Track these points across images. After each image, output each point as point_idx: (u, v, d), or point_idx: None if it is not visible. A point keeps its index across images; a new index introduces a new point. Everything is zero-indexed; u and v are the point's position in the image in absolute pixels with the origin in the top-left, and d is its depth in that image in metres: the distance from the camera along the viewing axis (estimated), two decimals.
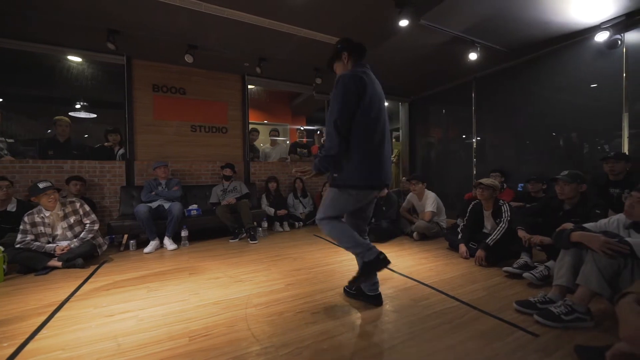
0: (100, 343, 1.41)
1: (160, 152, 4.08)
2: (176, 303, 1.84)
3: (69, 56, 3.70)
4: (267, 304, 1.80)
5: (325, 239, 3.58)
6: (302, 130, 5.64)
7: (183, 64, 3.88)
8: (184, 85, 4.23)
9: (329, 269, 2.46)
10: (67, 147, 3.72)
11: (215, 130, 4.47)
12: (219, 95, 4.48)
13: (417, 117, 5.83)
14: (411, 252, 2.92)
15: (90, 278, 2.34)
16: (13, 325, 1.60)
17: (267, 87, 5.46)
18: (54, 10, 2.80)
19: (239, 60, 4.04)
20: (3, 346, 1.39)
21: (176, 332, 1.49)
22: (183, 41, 3.45)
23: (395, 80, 4.78)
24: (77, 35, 3.27)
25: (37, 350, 1.36)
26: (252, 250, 3.15)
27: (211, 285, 2.13)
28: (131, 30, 3.17)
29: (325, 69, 4.36)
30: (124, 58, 3.82)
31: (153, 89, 4.05)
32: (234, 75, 4.55)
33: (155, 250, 3.15)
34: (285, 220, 4.25)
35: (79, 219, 2.74)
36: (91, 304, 1.85)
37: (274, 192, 4.39)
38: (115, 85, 3.93)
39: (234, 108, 4.59)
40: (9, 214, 2.80)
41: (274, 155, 5.13)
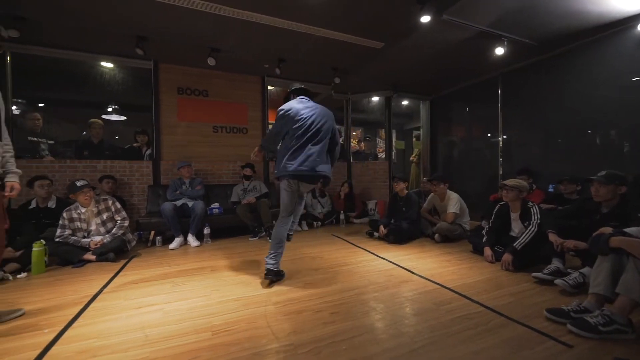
0: (129, 333, 1.49)
1: (184, 152, 4.24)
2: (199, 298, 1.91)
3: (102, 62, 3.95)
4: (286, 302, 1.83)
5: (344, 239, 3.57)
6: None
7: (205, 66, 4.01)
8: (207, 87, 4.38)
9: (348, 269, 2.45)
10: (100, 148, 3.96)
11: (236, 131, 4.59)
12: (240, 97, 4.59)
13: (438, 115, 5.66)
14: (432, 255, 2.84)
15: (120, 272, 2.49)
16: (53, 313, 1.73)
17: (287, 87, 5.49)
18: (88, 20, 2.99)
19: (259, 61, 4.11)
20: (45, 332, 1.51)
21: (200, 326, 1.55)
22: (205, 44, 3.56)
23: (415, 78, 4.67)
24: (109, 43, 3.48)
25: (74, 337, 1.46)
26: None
27: (232, 282, 2.19)
28: (158, 36, 3.33)
29: (344, 69, 4.35)
30: (151, 63, 4.01)
31: (177, 91, 4.22)
32: (253, 76, 4.64)
33: (179, 247, 3.28)
34: (303, 220, 4.28)
35: (111, 216, 2.91)
36: (121, 296, 1.97)
37: None
38: (143, 89, 4.14)
39: (254, 109, 4.69)
40: (50, 210, 3.02)
41: None
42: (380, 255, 2.85)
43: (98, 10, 2.83)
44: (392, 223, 3.47)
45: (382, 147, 7.58)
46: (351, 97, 5.50)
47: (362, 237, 3.65)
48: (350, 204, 4.79)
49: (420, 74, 4.52)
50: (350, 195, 4.83)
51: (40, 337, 1.46)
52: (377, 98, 5.72)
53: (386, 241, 3.36)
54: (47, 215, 2.98)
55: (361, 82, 4.89)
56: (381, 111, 5.75)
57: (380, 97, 5.59)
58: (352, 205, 4.81)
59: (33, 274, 2.42)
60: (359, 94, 5.46)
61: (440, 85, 5.18)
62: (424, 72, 4.43)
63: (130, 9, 2.81)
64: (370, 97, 5.59)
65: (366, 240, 3.53)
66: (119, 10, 2.82)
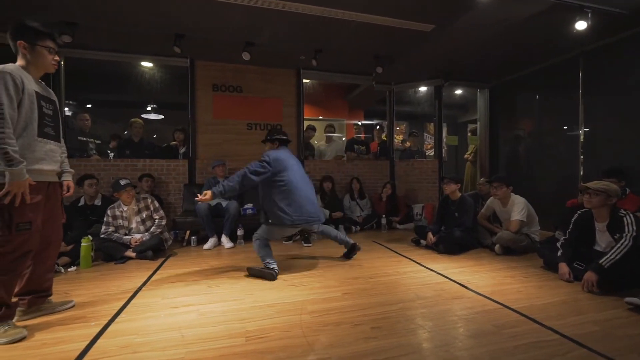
0: (167, 332, 1.62)
1: (219, 150, 4.49)
2: (233, 302, 2.00)
3: (142, 62, 4.37)
4: (323, 312, 1.83)
5: (386, 247, 3.49)
6: (359, 125, 5.60)
7: (240, 61, 4.21)
8: (241, 83, 4.59)
9: (391, 280, 2.39)
10: (140, 147, 4.37)
11: (271, 128, 4.73)
12: (274, 91, 4.74)
13: (499, 105, 5.26)
14: (491, 269, 2.65)
15: (158, 270, 2.72)
16: (99, 307, 1.94)
17: (323, 80, 5.58)
18: (130, 22, 3.32)
19: (294, 53, 4.20)
20: (92, 325, 1.71)
21: (234, 330, 1.63)
22: (240, 39, 3.74)
23: (471, 63, 4.39)
24: (148, 43, 3.82)
25: (117, 332, 1.63)
26: (306, 254, 3.24)
27: (265, 287, 2.26)
28: (194, 33, 3.57)
29: (386, 57, 4.26)
30: (187, 60, 4.33)
31: (213, 88, 4.49)
32: (288, 70, 4.76)
33: (213, 248, 3.49)
34: (341, 224, 4.27)
35: (150, 214, 3.20)
36: (159, 294, 2.15)
37: (329, 193, 4.45)
38: (180, 87, 4.48)
39: (288, 104, 4.80)
40: (96, 208, 3.41)
41: (330, 153, 5.20)
42: (428, 266, 2.73)
43: (139, 11, 3.13)
44: (443, 230, 3.31)
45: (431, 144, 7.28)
46: (395, 88, 5.36)
47: (406, 245, 3.54)
48: (392, 207, 4.68)
49: (478, 59, 4.24)
50: (393, 198, 4.71)
51: (88, 329, 1.65)
52: (425, 88, 5.52)
53: (435, 251, 3.22)
54: (93, 212, 3.37)
55: (406, 71, 4.75)
56: (429, 102, 5.52)
57: (428, 87, 5.37)
58: (395, 209, 4.69)
59: (81, 268, 2.75)
60: (404, 84, 5.30)
61: (502, 71, 4.80)
62: (482, 56, 4.15)
63: (169, 6, 3.05)
64: (417, 87, 5.40)
65: (411, 248, 3.41)
66: (160, 7, 3.08)
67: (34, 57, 1.67)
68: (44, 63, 1.71)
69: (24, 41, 1.64)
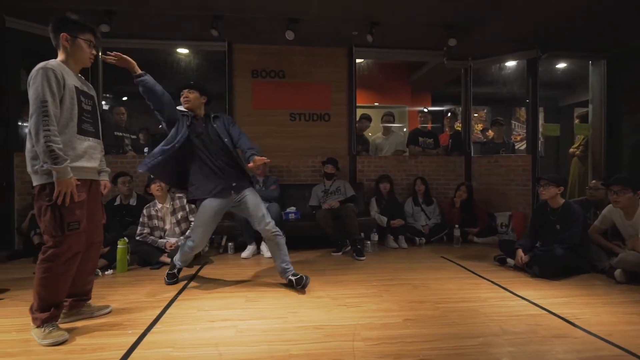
0: (203, 348, 1.74)
1: (258, 145, 4.68)
2: (275, 319, 2.08)
3: (178, 49, 4.75)
4: (380, 340, 1.82)
5: (460, 264, 3.34)
6: (425, 113, 5.42)
7: (283, 42, 4.34)
8: (283, 67, 4.75)
9: (467, 307, 2.27)
10: None
11: (316, 118, 4.82)
12: (322, 75, 4.81)
13: (621, 82, 4.69)
14: (609, 301, 2.39)
15: (194, 278, 2.94)
16: (135, 314, 2.17)
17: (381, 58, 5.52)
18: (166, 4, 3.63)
19: (346, 29, 4.23)
20: (128, 333, 1.91)
21: (277, 352, 1.69)
22: (283, 15, 3.87)
23: (579, 27, 3.96)
24: (184, 27, 4.15)
25: (153, 343, 1.80)
26: (359, 269, 3.24)
27: (311, 305, 2.31)
28: (233, 12, 3.79)
29: (462, 25, 4.06)
30: (225, 44, 4.60)
31: (252, 74, 4.72)
32: (338, 48, 4.80)
33: (252, 256, 3.67)
34: (401, 234, 4.19)
35: (185, 216, 3.47)
36: (195, 305, 2.32)
37: (386, 196, 4.39)
38: (216, 75, 4.78)
39: (338, 89, 4.84)
40: (131, 208, 3.80)
41: (388, 148, 5.13)
42: (518, 293, 2.55)
43: None
44: (539, 247, 3.08)
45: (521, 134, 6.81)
46: (473, 65, 5.10)
47: (487, 264, 3.36)
48: (468, 215, 4.45)
49: (590, 19, 3.81)
50: (469, 204, 4.48)
51: (125, 338, 1.85)
52: (514, 63, 5.18)
53: (528, 273, 3.00)
54: (129, 212, 3.76)
55: (488, 42, 4.48)
56: (520, 81, 5.17)
57: (518, 61, 5.02)
58: (472, 218, 4.46)
59: (117, 272, 3.09)
60: (484, 59, 5.02)
61: (625, 34, 4.26)
62: (596, 15, 3.72)
63: None
64: (503, 61, 5.08)
65: (494, 268, 3.22)
66: None
67: (74, 50, 1.91)
68: (82, 56, 1.94)
69: (66, 33, 1.88)
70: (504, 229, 4.51)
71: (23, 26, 3.92)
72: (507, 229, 4.49)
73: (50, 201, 1.75)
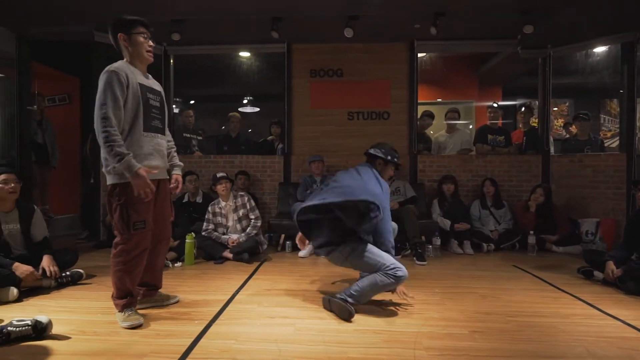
0: (263, 343, 1.82)
1: (316, 145, 4.78)
2: (332, 320, 2.10)
3: (240, 52, 5.03)
4: (444, 351, 1.74)
5: (535, 275, 3.09)
6: (495, 108, 5.08)
7: (341, 40, 4.35)
8: (341, 66, 4.78)
9: (544, 323, 2.09)
10: (237, 142, 5.04)
11: (375, 117, 4.78)
12: (380, 72, 4.76)
13: None
14: None
15: (254, 274, 3.08)
16: (201, 306, 2.33)
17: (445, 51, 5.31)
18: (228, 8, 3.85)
19: (407, 22, 4.13)
20: (195, 323, 2.06)
21: (334, 354, 1.70)
22: (343, 13, 3.89)
23: None
24: (246, 30, 4.36)
25: (217, 334, 1.92)
26: (420, 274, 3.14)
27: (369, 309, 2.28)
28: (292, 13, 3.90)
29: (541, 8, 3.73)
30: (284, 45, 4.75)
31: (310, 74, 4.82)
32: (399, 43, 4.71)
33: (309, 256, 3.74)
34: (466, 239, 3.98)
35: (246, 213, 3.66)
36: (255, 300, 2.43)
37: (450, 198, 4.22)
38: (276, 76, 4.97)
39: (398, 86, 4.75)
40: (198, 205, 4.10)
41: (452, 146, 4.91)
42: (608, 311, 2.28)
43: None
44: (635, 260, 2.72)
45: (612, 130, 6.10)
46: (552, 52, 4.66)
47: (569, 277, 3.06)
48: (546, 221, 4.09)
49: None
50: (547, 208, 4.12)
51: (192, 327, 2.00)
52: (604, 48, 4.67)
53: (620, 289, 2.67)
54: (195, 209, 4.06)
55: (571, 26, 4.07)
56: (611, 70, 4.64)
57: (610, 46, 4.50)
58: (551, 224, 4.10)
59: (185, 265, 3.36)
60: (567, 46, 4.58)
61: None
62: None
63: None
64: (590, 47, 4.60)
65: (578, 282, 2.93)
66: None
67: (134, 47, 2.01)
68: (141, 51, 2.02)
69: (122, 33, 1.99)
70: (589, 237, 4.06)
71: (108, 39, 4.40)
72: (594, 238, 4.04)
73: (120, 200, 1.90)
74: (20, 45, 4.29)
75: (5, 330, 1.74)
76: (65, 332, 1.89)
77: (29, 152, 4.42)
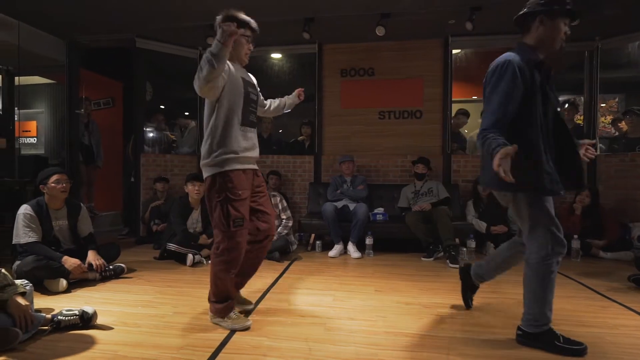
0: (294, 341, 1.83)
1: (346, 145, 4.76)
2: (362, 321, 2.09)
3: (272, 54, 5.10)
4: (479, 358, 1.68)
5: (580, 282, 2.93)
6: None
7: (372, 39, 4.32)
8: (373, 65, 4.73)
9: (589, 333, 1.96)
10: (269, 143, 5.12)
11: (407, 116, 4.69)
12: (413, 70, 4.67)
13: None
14: None
15: (284, 273, 3.12)
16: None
17: (482, 47, 5.09)
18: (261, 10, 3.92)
19: (441, 19, 4.03)
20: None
21: (364, 356, 1.69)
22: (374, 11, 3.85)
23: None
24: (278, 32, 4.42)
25: (249, 331, 1.96)
26: (453, 277, 3.03)
27: (401, 311, 2.25)
28: (324, 13, 3.91)
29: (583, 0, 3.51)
30: (315, 46, 4.77)
31: (341, 74, 4.81)
32: (432, 40, 4.60)
33: (339, 255, 3.74)
34: (503, 242, 3.80)
35: (277, 213, 3.71)
36: (285, 299, 2.47)
37: (486, 199, 4.06)
38: (307, 77, 4.99)
39: (431, 84, 4.64)
40: None
41: None
42: None
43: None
44: None
45: None
46: (601, 45, 4.37)
47: (619, 284, 2.86)
48: (592, 225, 3.84)
49: None
50: (593, 211, 3.87)
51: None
52: None
53: None
54: None
55: (623, 15, 3.78)
56: None
57: None
58: (597, 228, 3.84)
59: None
60: (618, 37, 4.30)
61: None
62: None
63: None
64: None
65: (628, 290, 2.72)
66: None
67: (241, 47, 1.98)
68: (240, 53, 2.00)
69: None
70: None
71: (149, 45, 4.64)
72: None
73: (219, 197, 1.87)
74: (69, 53, 4.61)
75: (56, 319, 1.88)
76: (108, 323, 2.01)
77: (77, 153, 4.73)
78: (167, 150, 5.17)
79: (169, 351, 1.72)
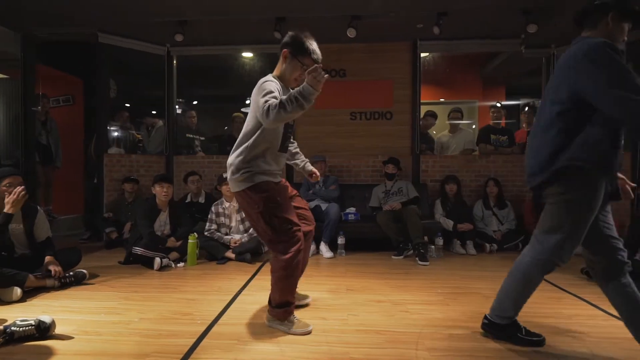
0: (266, 344, 1.81)
1: (317, 145, 4.76)
2: (335, 321, 2.09)
3: (242, 53, 5.03)
4: (446, 351, 1.73)
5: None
6: (498, 108, 5.06)
7: (344, 40, 4.35)
8: (344, 66, 4.76)
9: (547, 324, 2.08)
10: None
11: (378, 117, 4.76)
12: (383, 72, 4.74)
13: None
14: None
15: (256, 275, 3.07)
16: (204, 306, 2.33)
17: (448, 51, 5.29)
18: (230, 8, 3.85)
19: (410, 22, 4.12)
20: (197, 322, 2.07)
21: (337, 354, 1.70)
22: (346, 13, 3.88)
23: None
24: (248, 30, 4.37)
25: (220, 334, 1.92)
26: (422, 274, 3.13)
27: (372, 309, 2.28)
28: (296, 13, 3.90)
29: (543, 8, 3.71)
30: None
31: None
32: (401, 43, 4.69)
33: (311, 256, 3.71)
34: (469, 239, 3.95)
35: None
36: (257, 300, 2.42)
37: (453, 198, 4.20)
38: None
39: (401, 86, 4.73)
40: (200, 205, 4.11)
41: (455, 146, 4.88)
42: (612, 312, 2.24)
43: None
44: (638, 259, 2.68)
45: None
46: (556, 52, 4.64)
47: (573, 277, 3.02)
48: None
49: None
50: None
51: (195, 327, 2.00)
52: None
53: None
54: (198, 209, 4.07)
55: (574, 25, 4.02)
56: None
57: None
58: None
59: (188, 265, 3.35)
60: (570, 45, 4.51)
61: None
62: None
63: None
64: None
65: (582, 282, 2.89)
66: None
67: (289, 70, 1.97)
68: (290, 77, 1.99)
69: (291, 50, 1.94)
70: None
71: (113, 41, 4.43)
72: None
73: (259, 208, 1.84)
74: (25, 47, 4.32)
75: (9, 330, 1.75)
76: (68, 332, 1.90)
77: (33, 153, 4.44)
78: (133, 150, 4.97)
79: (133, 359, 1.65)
